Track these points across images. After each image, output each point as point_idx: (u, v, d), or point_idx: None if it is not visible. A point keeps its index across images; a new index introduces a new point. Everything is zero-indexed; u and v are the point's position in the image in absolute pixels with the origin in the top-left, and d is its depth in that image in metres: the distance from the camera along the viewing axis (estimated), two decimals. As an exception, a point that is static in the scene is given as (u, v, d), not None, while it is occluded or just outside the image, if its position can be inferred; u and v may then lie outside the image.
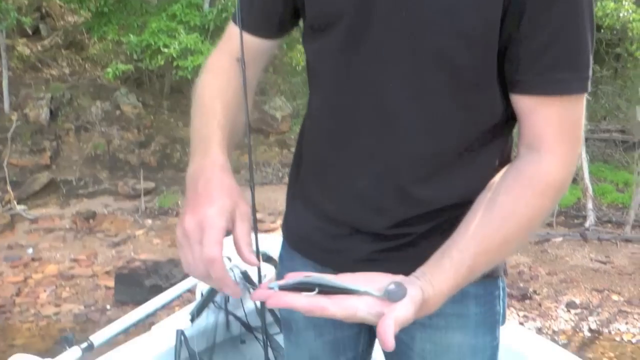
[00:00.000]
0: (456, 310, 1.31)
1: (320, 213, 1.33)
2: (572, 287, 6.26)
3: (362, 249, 1.29)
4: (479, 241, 1.07)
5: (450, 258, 1.05)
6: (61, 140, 9.54)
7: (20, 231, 7.61)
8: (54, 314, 5.92)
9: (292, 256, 1.44)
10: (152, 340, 2.77)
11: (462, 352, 1.35)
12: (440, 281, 1.04)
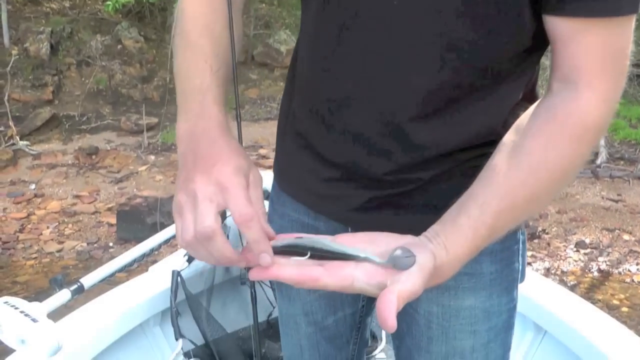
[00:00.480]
0: (468, 268, 1.12)
1: (313, 152, 1.18)
2: (582, 226, 6.15)
3: (358, 196, 1.14)
4: (502, 196, 0.90)
5: (468, 216, 0.90)
6: (63, 75, 9.51)
7: (23, 167, 7.56)
8: (56, 251, 5.91)
9: (283, 200, 1.31)
10: (149, 281, 2.70)
11: (474, 316, 1.21)
12: (456, 244, 0.89)
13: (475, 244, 0.90)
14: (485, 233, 0.90)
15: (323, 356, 1.42)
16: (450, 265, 0.89)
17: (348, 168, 1.13)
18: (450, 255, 0.88)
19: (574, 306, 2.53)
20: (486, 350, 1.23)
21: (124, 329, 2.57)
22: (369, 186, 1.13)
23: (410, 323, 1.25)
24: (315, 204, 1.23)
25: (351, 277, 0.83)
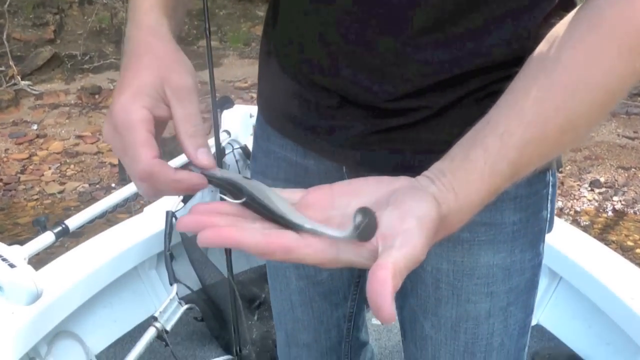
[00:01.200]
0: (486, 217, 0.97)
1: (301, 75, 0.98)
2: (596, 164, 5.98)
3: (354, 127, 0.95)
4: (529, 123, 0.68)
5: (484, 148, 0.68)
6: (64, 13, 9.45)
7: (25, 107, 7.47)
8: (58, 192, 5.84)
9: (268, 134, 1.13)
10: (144, 223, 2.59)
11: (492, 275, 1.01)
12: (468, 185, 0.68)
13: (494, 184, 0.69)
14: (507, 171, 0.68)
15: (317, 314, 1.26)
16: (460, 212, 0.68)
17: (342, 94, 0.95)
18: (461, 199, 0.67)
19: (590, 250, 2.40)
20: (505, 315, 1.04)
21: (118, 272, 2.48)
22: (366, 116, 0.94)
23: (416, 281, 1.07)
24: (304, 139, 1.04)
25: (335, 248, 0.63)
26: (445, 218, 0.66)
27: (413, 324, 1.12)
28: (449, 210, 0.66)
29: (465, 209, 0.68)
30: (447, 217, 0.66)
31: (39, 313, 2.11)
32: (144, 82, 0.73)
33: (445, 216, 0.66)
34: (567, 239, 2.40)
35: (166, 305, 2.22)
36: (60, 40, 8.97)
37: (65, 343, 2.37)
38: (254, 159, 1.20)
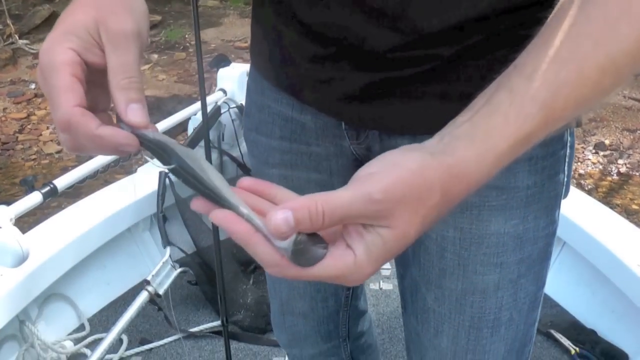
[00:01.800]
0: (498, 179, 0.84)
1: (296, 21, 0.90)
2: (601, 126, 5.89)
3: (353, 79, 0.87)
4: (563, 60, 0.59)
5: (510, 89, 0.59)
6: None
7: (23, 66, 7.36)
8: (56, 152, 5.76)
9: (261, 88, 1.05)
10: (137, 183, 2.53)
11: (502, 244, 0.93)
12: (488, 130, 0.59)
13: (522, 130, 0.59)
14: (538, 115, 0.59)
15: (315, 286, 1.20)
16: (483, 161, 0.59)
17: (340, 42, 0.86)
18: (479, 146, 0.58)
19: (594, 214, 2.34)
20: (514, 288, 0.97)
21: (111, 233, 2.42)
22: (367, 66, 0.85)
23: (418, 249, 0.99)
24: (300, 92, 0.97)
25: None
26: (455, 167, 0.58)
27: (414, 296, 1.05)
28: (460, 158, 0.59)
29: (490, 157, 0.59)
30: (459, 166, 0.58)
31: (29, 275, 2.07)
32: (75, 21, 0.64)
33: (454, 165, 0.58)
34: (571, 202, 2.33)
35: (159, 268, 2.17)
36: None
37: (56, 306, 2.35)
38: (247, 115, 1.12)
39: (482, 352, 1.00)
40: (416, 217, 0.57)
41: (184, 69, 6.94)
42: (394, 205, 0.56)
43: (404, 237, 0.57)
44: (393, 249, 0.58)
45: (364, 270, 0.57)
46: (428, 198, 0.57)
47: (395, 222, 0.56)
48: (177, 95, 6.16)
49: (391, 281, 2.64)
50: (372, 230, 0.57)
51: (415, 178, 0.57)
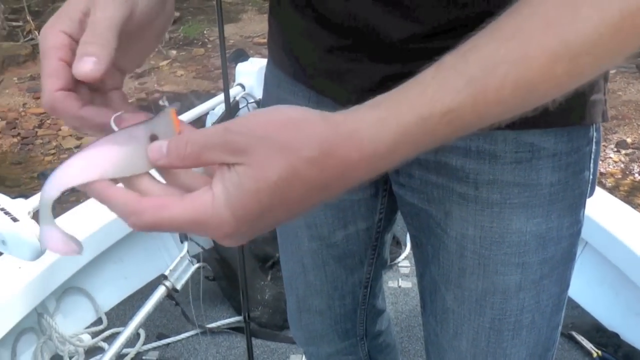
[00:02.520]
0: (520, 176, 0.85)
1: (312, 11, 0.88)
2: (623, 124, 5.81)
3: (370, 71, 0.84)
4: (505, 38, 0.53)
5: (438, 65, 0.55)
6: None
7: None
8: (75, 147, 5.78)
9: (278, 80, 1.03)
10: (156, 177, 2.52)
11: (524, 243, 0.90)
12: (399, 99, 0.54)
13: (442, 102, 0.53)
14: (465, 90, 0.53)
15: (330, 278, 1.17)
16: (384, 125, 0.54)
17: (357, 32, 0.84)
18: (383, 110, 0.54)
19: (617, 214, 2.30)
20: (537, 289, 0.93)
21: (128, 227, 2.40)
22: (385, 58, 0.83)
23: (438, 247, 0.97)
24: (317, 83, 0.94)
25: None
26: (344, 126, 0.54)
27: (433, 295, 1.02)
28: (353, 118, 0.55)
29: (391, 124, 0.54)
30: (348, 125, 0.54)
31: (47, 268, 2.08)
32: (69, 3, 0.63)
33: (342, 123, 0.54)
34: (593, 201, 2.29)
35: (177, 263, 2.16)
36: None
37: (74, 299, 2.35)
38: (264, 106, 1.11)
39: (503, 355, 0.98)
40: (281, 161, 0.53)
41: (202, 65, 6.94)
42: (253, 141, 0.53)
43: (264, 180, 0.53)
44: (251, 191, 0.53)
45: (223, 215, 0.54)
46: (301, 148, 0.53)
47: (253, 159, 0.53)
48: (195, 90, 6.17)
49: (410, 279, 2.62)
50: (231, 169, 0.54)
51: (288, 123, 0.54)
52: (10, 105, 6.50)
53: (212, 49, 7.49)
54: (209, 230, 0.55)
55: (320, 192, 0.55)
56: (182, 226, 0.55)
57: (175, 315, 2.38)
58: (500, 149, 0.84)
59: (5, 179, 5.29)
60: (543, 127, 0.83)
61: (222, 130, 0.54)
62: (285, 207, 0.55)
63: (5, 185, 5.11)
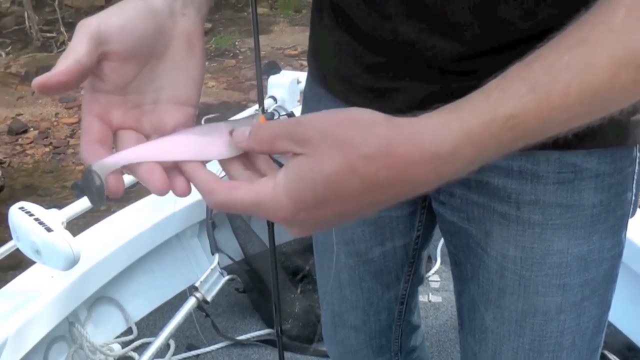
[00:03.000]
0: (562, 197, 0.84)
1: (357, 29, 0.87)
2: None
3: (413, 90, 0.84)
4: (569, 45, 0.53)
5: (503, 75, 0.55)
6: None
7: (76, 72, 7.48)
8: (106, 157, 5.83)
9: (318, 95, 1.02)
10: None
11: (565, 265, 0.89)
12: (463, 104, 0.54)
13: (505, 106, 0.52)
14: (528, 96, 0.52)
15: (367, 293, 1.17)
16: (448, 129, 0.53)
17: (400, 50, 0.83)
18: (445, 115, 0.54)
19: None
20: (578, 311, 0.92)
21: (159, 239, 2.43)
22: (428, 77, 0.82)
23: (478, 266, 0.96)
24: (358, 101, 0.92)
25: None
26: (407, 127, 0.54)
27: (472, 314, 1.01)
28: (416, 120, 0.55)
29: (453, 127, 0.54)
30: (412, 126, 0.54)
31: (79, 278, 2.09)
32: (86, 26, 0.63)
33: (405, 124, 0.55)
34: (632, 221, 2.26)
35: (207, 275, 2.16)
36: (111, 7, 9.02)
37: (105, 309, 2.37)
38: None
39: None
40: (337, 155, 0.54)
41: (233, 76, 6.98)
42: (316, 134, 0.55)
43: (319, 170, 0.54)
44: (307, 179, 0.55)
45: (281, 199, 0.56)
46: (360, 145, 0.54)
47: (312, 150, 0.55)
48: (226, 102, 6.21)
49: (440, 294, 2.60)
50: (294, 158, 0.56)
51: (351, 120, 0.56)
52: (42, 115, 6.57)
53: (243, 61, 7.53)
54: (269, 213, 0.58)
55: (378, 192, 0.55)
56: (246, 207, 0.59)
57: (205, 326, 2.38)
58: (542, 169, 0.84)
59: (37, 188, 5.35)
60: (586, 147, 0.82)
61: (294, 122, 0.57)
62: (341, 202, 0.56)
63: (37, 194, 5.17)
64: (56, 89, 0.59)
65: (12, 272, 3.30)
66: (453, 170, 0.55)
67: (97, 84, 0.64)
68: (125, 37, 0.63)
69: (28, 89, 7.03)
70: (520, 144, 0.54)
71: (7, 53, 7.94)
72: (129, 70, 0.64)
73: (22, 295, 1.98)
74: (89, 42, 0.61)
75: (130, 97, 0.65)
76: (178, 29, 0.67)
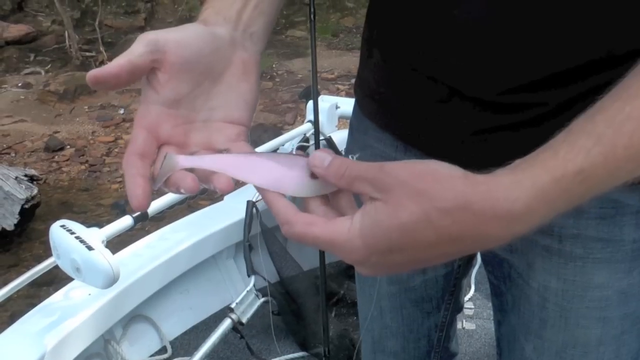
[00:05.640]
0: (604, 232, 0.85)
1: (404, 65, 0.88)
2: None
3: (460, 124, 0.84)
4: (630, 96, 0.56)
5: (568, 129, 0.57)
6: (156, 1, 9.69)
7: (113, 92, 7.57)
8: (141, 176, 5.88)
9: (365, 126, 1.03)
10: (224, 211, 2.56)
11: (606, 298, 0.89)
12: (534, 161, 0.56)
13: (574, 163, 0.54)
14: (595, 150, 0.54)
15: (407, 321, 1.18)
16: (518, 186, 0.55)
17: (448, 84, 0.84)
18: (519, 173, 0.56)
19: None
20: (617, 344, 0.93)
21: (196, 259, 2.45)
22: (475, 111, 0.83)
23: (519, 297, 0.97)
24: (405, 133, 0.94)
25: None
26: (483, 185, 0.56)
27: (512, 344, 1.02)
28: (491, 179, 0.57)
29: (526, 185, 0.55)
30: (487, 184, 0.56)
31: (116, 296, 2.11)
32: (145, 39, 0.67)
33: (482, 183, 0.56)
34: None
35: (243, 296, 2.17)
36: (151, 28, 9.12)
37: (140, 327, 2.38)
38: (348, 152, 1.11)
39: None
40: (414, 206, 0.56)
41: (270, 99, 7.03)
42: (396, 182, 0.57)
43: (395, 218, 0.56)
44: (382, 226, 0.57)
45: (355, 242, 0.58)
46: (436, 198, 0.56)
47: (391, 198, 0.57)
48: (262, 124, 6.25)
49: (474, 321, 2.58)
50: (372, 203, 0.58)
51: (431, 173, 0.57)
52: (79, 133, 6.67)
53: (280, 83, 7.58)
54: (343, 253, 0.60)
55: (451, 244, 0.57)
56: (321, 244, 0.61)
57: (239, 347, 2.38)
58: (585, 204, 0.84)
59: (73, 205, 5.42)
60: (628, 184, 0.82)
61: (377, 166, 0.59)
62: (415, 250, 0.58)
63: (73, 212, 5.23)
64: (107, 81, 0.63)
65: (47, 287, 3.36)
66: (526, 227, 0.57)
67: (150, 96, 0.67)
68: (180, 50, 0.66)
69: (66, 107, 7.15)
70: (589, 195, 0.56)
71: (46, 71, 8.09)
72: (182, 85, 0.67)
73: (60, 312, 2.00)
74: (144, 46, 0.64)
75: (181, 112, 0.68)
76: (236, 56, 0.71)
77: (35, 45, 8.68)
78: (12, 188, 4.78)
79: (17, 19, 9.18)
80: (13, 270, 4.32)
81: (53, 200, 5.50)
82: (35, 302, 2.07)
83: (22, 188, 4.86)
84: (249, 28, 0.74)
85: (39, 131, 6.68)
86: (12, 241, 4.76)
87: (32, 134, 6.63)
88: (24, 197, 4.77)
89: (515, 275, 0.95)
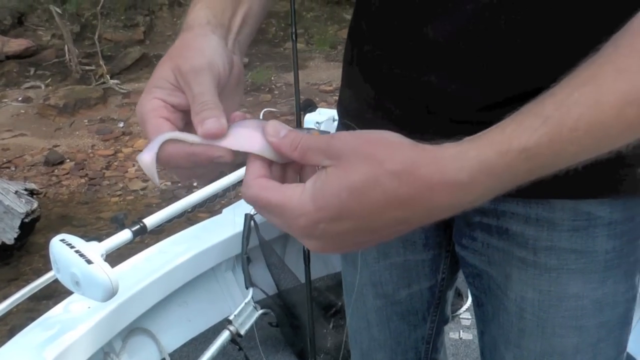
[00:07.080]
0: (577, 243, 0.88)
1: (384, 82, 0.91)
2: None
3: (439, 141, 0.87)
4: (577, 84, 0.58)
5: (520, 110, 0.59)
6: (154, 15, 9.72)
7: (113, 105, 7.62)
8: (141, 189, 5.91)
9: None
10: (222, 224, 2.57)
11: (581, 307, 0.92)
12: (480, 136, 0.58)
13: (519, 138, 0.56)
14: (539, 129, 0.56)
15: (394, 334, 1.20)
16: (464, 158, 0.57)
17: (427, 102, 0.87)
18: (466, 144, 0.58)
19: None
20: (594, 352, 0.95)
21: (194, 272, 2.46)
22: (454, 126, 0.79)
23: (498, 308, 1.00)
24: None
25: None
26: (430, 151, 0.59)
27: (493, 354, 1.05)
28: (438, 147, 0.59)
29: (471, 156, 0.57)
30: (434, 151, 0.59)
31: (115, 309, 2.12)
32: (156, 77, 0.71)
33: (430, 149, 0.59)
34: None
35: (241, 309, 2.18)
36: (150, 41, 9.19)
37: (139, 339, 2.39)
38: None
39: None
40: (364, 167, 0.57)
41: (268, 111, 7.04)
42: (347, 149, 0.59)
43: (345, 179, 0.58)
44: (333, 186, 0.58)
45: (305, 204, 0.60)
46: (385, 160, 0.57)
47: (341, 161, 0.59)
48: (260, 136, 6.26)
49: (471, 331, 2.60)
50: (322, 169, 0.60)
51: (381, 140, 0.60)
52: (79, 147, 6.67)
53: (278, 95, 7.60)
54: (291, 218, 0.61)
55: (400, 208, 0.58)
56: (271, 208, 0.62)
57: (238, 359, 2.39)
58: (558, 217, 0.88)
59: (72, 219, 5.42)
60: (599, 197, 0.85)
61: (329, 136, 0.61)
62: (363, 214, 0.59)
63: (72, 225, 5.23)
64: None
65: (46, 301, 3.36)
66: (470, 197, 0.58)
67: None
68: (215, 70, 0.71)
69: (66, 121, 7.16)
70: (533, 175, 0.58)
71: (46, 85, 8.11)
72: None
73: (59, 325, 2.01)
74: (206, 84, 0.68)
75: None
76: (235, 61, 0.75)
77: (36, 60, 8.69)
78: (12, 202, 4.79)
79: (17, 33, 9.19)
80: (13, 284, 4.33)
81: (53, 214, 5.51)
82: (35, 315, 2.08)
83: (22, 202, 4.87)
84: (238, 36, 0.79)
85: (38, 145, 6.69)
86: (12, 255, 4.77)
87: (32, 148, 6.63)
88: (24, 211, 4.78)
89: (494, 287, 0.98)
